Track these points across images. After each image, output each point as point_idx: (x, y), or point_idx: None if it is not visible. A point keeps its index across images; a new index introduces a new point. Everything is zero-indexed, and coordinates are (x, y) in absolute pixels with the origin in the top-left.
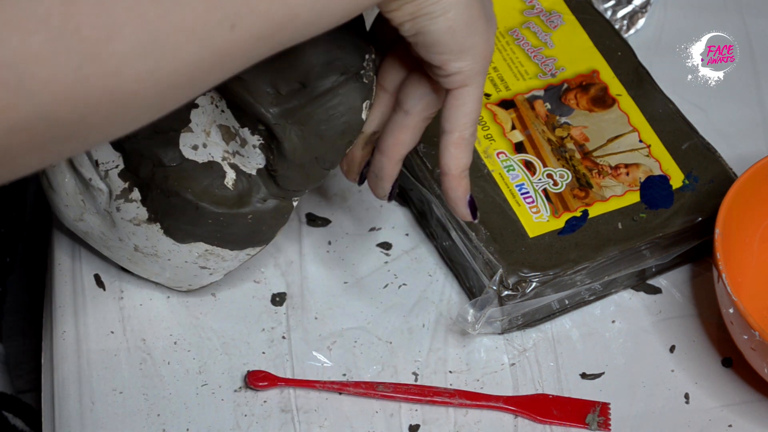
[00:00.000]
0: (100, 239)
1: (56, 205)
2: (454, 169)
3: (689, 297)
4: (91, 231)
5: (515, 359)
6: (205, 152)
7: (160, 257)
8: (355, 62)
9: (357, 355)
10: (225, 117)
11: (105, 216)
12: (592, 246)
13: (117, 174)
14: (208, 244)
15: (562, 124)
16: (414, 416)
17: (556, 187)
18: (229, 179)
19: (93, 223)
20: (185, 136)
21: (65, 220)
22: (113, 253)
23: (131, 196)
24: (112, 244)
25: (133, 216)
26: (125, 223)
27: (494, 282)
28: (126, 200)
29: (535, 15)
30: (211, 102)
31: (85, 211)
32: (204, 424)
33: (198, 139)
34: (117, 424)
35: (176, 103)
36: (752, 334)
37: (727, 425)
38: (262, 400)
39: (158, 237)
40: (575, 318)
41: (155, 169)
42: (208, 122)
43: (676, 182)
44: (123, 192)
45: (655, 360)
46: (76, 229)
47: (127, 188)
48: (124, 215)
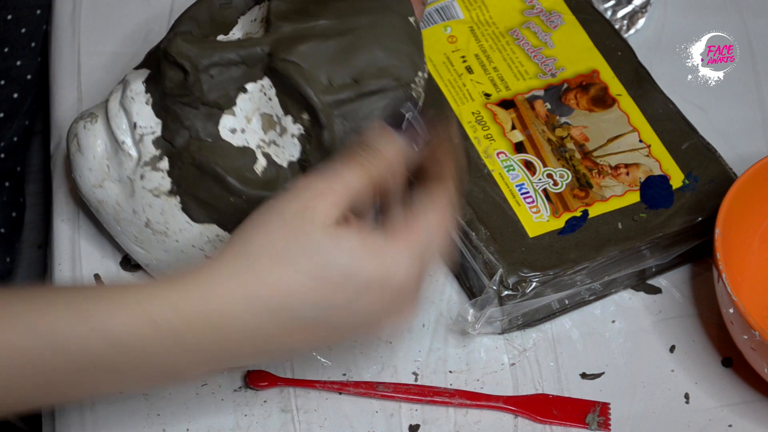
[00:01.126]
0: (113, 211)
1: (80, 168)
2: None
3: (689, 297)
4: (106, 200)
5: (515, 359)
6: (242, 137)
7: (168, 236)
8: (408, 75)
9: (357, 355)
10: (270, 105)
11: (126, 184)
12: (592, 246)
13: (152, 140)
14: (221, 228)
15: (562, 124)
16: (414, 416)
17: (556, 187)
18: (259, 166)
19: (111, 191)
20: (226, 117)
21: (84, 186)
22: (123, 229)
23: (159, 165)
24: (124, 216)
25: (156, 185)
26: (145, 193)
27: (494, 282)
28: (153, 168)
29: (535, 15)
30: (260, 90)
31: (107, 177)
32: (204, 424)
33: (238, 124)
34: (117, 424)
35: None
36: (752, 334)
37: (727, 425)
38: (262, 399)
39: (173, 212)
40: (575, 318)
41: (190, 140)
42: (252, 109)
43: (676, 182)
44: (152, 159)
45: (655, 360)
46: (92, 196)
47: (158, 156)
48: (146, 184)
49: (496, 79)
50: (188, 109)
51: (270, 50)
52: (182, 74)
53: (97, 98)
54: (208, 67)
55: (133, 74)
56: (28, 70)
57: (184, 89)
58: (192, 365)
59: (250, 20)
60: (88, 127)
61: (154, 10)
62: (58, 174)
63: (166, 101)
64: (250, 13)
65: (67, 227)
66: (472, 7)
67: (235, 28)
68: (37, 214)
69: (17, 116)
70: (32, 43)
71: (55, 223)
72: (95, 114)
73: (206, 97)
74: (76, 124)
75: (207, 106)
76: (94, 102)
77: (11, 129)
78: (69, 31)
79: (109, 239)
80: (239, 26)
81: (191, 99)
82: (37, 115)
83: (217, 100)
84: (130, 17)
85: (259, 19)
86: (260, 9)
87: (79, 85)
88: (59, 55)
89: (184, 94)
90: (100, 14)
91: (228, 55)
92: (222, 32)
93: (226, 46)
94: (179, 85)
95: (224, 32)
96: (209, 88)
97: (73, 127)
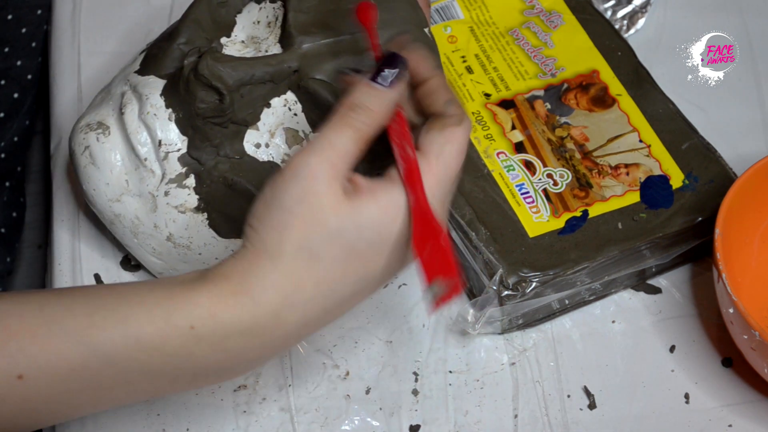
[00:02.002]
0: (132, 224)
1: (95, 182)
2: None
3: (689, 297)
4: (124, 214)
5: (515, 359)
6: (266, 152)
7: (191, 249)
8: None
9: (357, 355)
10: (296, 121)
11: (147, 199)
12: (592, 246)
13: (177, 158)
14: None
15: (562, 124)
16: (414, 416)
17: (556, 187)
18: None
19: (130, 205)
20: (250, 132)
21: (99, 200)
22: (140, 241)
23: (186, 182)
24: (143, 230)
25: (181, 202)
26: (169, 209)
27: (494, 282)
28: (179, 185)
29: (535, 15)
30: (284, 105)
31: (126, 192)
32: (204, 423)
33: (261, 138)
34: (117, 424)
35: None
36: (752, 334)
37: (727, 425)
38: (261, 398)
39: (199, 228)
40: (575, 318)
41: (219, 158)
42: (275, 124)
43: (676, 182)
44: (178, 177)
45: (655, 360)
46: (108, 210)
47: (184, 173)
48: (171, 200)
49: (496, 79)
50: (218, 129)
51: (297, 67)
52: (217, 96)
53: None
54: (239, 87)
55: (145, 84)
56: (28, 70)
57: (218, 111)
58: (230, 366)
59: (252, 21)
60: (102, 140)
61: (154, 10)
62: (58, 174)
63: (195, 121)
64: (248, 13)
65: (67, 227)
66: (472, 7)
67: (236, 29)
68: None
69: (17, 116)
70: (32, 43)
71: (55, 223)
72: (106, 125)
73: (236, 116)
74: (86, 135)
75: (236, 124)
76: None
77: (11, 129)
78: (69, 31)
79: (109, 239)
80: (240, 27)
81: (223, 120)
82: (37, 115)
83: (245, 118)
84: (130, 17)
85: (264, 22)
86: (261, 10)
87: (79, 85)
88: (59, 55)
89: (217, 115)
90: (100, 14)
91: (258, 73)
92: (224, 34)
93: (254, 64)
94: (213, 107)
95: (226, 34)
96: (239, 107)
97: (82, 137)
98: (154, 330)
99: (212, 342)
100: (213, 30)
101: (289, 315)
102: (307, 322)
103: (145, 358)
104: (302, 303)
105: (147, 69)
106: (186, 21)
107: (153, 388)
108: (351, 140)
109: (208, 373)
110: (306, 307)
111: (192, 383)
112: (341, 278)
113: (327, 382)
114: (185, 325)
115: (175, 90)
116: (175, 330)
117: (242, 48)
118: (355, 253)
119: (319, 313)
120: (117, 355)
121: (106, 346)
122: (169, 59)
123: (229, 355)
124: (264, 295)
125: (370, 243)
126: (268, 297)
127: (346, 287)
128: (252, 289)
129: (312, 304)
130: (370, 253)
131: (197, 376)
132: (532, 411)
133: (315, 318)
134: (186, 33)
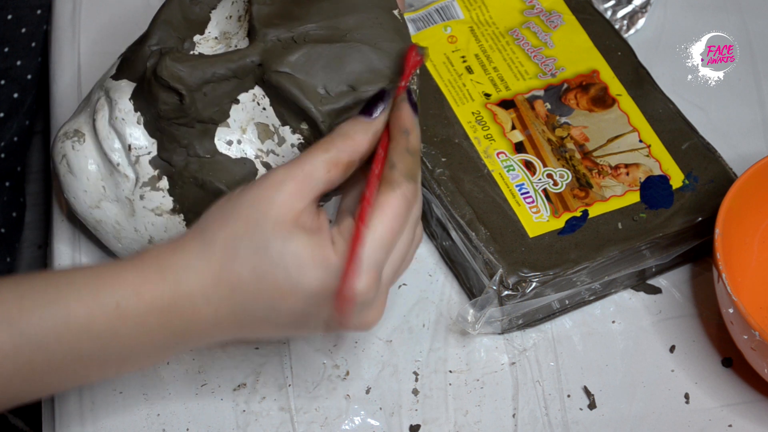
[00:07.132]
0: (113, 229)
1: (74, 190)
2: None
3: (689, 297)
4: (105, 220)
5: (515, 359)
6: (239, 148)
7: None
8: (401, 74)
9: (357, 355)
10: (265, 115)
11: (125, 204)
12: (592, 246)
13: (148, 161)
14: None
15: (562, 124)
16: (414, 416)
17: (556, 187)
18: (260, 176)
19: (110, 211)
20: (221, 130)
21: (79, 207)
22: (123, 246)
23: (159, 185)
24: (125, 235)
25: (157, 205)
26: (146, 212)
27: (494, 282)
28: (153, 188)
29: (535, 15)
30: (252, 99)
31: (104, 198)
32: (204, 423)
33: (233, 135)
34: (117, 424)
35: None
36: (752, 334)
37: (727, 425)
38: (260, 397)
39: (177, 229)
40: (575, 318)
41: (189, 159)
42: (246, 119)
43: (676, 182)
44: (151, 180)
45: (655, 360)
46: (90, 216)
47: (156, 176)
48: (147, 204)
49: (496, 79)
50: (184, 129)
51: (260, 60)
52: (177, 97)
53: None
54: (201, 86)
55: (116, 89)
56: (28, 70)
57: (180, 111)
58: (153, 349)
59: (225, 17)
60: (77, 147)
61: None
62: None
63: (160, 123)
64: (221, 8)
65: (67, 227)
66: (472, 7)
67: (210, 26)
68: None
69: (17, 116)
70: (32, 43)
71: (55, 223)
72: (81, 132)
73: (201, 115)
74: (63, 144)
75: (202, 123)
76: None
77: (11, 129)
78: (69, 31)
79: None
80: (214, 23)
81: (188, 120)
82: (37, 115)
83: (212, 116)
84: (130, 17)
85: (236, 17)
86: (233, 4)
87: (79, 85)
88: (59, 55)
89: (180, 116)
90: (100, 14)
91: (219, 71)
92: (197, 32)
93: (215, 61)
94: (175, 108)
95: (200, 31)
96: (203, 106)
97: (60, 146)
98: (82, 309)
99: (135, 320)
100: (185, 29)
101: (203, 307)
102: (218, 322)
103: (73, 341)
104: (216, 300)
105: (121, 73)
106: (156, 22)
107: (84, 373)
108: (322, 163)
109: (136, 356)
110: (219, 305)
111: (121, 367)
112: (253, 295)
113: (327, 382)
114: (111, 302)
115: (142, 93)
116: (101, 308)
117: (215, 44)
118: (272, 277)
119: (231, 320)
120: (46, 337)
121: (35, 329)
122: (140, 62)
123: (151, 337)
124: (185, 276)
125: (288, 277)
126: (188, 279)
127: (257, 305)
128: (177, 267)
129: (225, 305)
130: (285, 286)
131: (125, 360)
132: (532, 411)
133: (227, 323)
134: (156, 34)
